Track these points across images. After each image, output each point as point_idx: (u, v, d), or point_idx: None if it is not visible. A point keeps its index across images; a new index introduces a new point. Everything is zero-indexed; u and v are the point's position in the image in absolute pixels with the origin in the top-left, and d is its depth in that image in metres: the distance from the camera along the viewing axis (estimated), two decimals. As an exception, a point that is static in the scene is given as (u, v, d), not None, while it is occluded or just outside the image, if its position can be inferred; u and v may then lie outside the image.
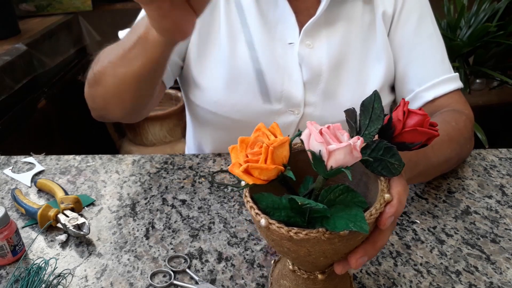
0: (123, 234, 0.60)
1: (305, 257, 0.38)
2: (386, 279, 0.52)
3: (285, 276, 0.47)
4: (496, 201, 0.65)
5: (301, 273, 0.44)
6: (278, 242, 0.38)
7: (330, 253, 0.38)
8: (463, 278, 0.52)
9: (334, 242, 0.36)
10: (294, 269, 0.45)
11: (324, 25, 0.75)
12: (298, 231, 0.35)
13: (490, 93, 1.89)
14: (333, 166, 0.36)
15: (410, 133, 0.39)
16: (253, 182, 0.37)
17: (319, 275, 0.44)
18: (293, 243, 0.37)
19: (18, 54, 1.38)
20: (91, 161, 0.78)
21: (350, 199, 0.38)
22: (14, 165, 0.78)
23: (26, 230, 0.62)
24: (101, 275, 0.53)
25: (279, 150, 0.37)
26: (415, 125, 0.39)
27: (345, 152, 0.35)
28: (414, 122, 0.39)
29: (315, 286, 0.45)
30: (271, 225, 0.36)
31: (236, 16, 0.76)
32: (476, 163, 0.74)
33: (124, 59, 0.62)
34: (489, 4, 1.63)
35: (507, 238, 0.58)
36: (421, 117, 0.39)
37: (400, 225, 0.60)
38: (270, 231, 0.37)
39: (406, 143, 0.39)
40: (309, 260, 0.39)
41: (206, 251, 0.57)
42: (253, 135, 0.39)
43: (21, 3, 1.77)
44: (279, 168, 0.37)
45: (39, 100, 1.51)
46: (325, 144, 0.35)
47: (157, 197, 0.68)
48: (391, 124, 0.40)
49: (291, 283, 0.46)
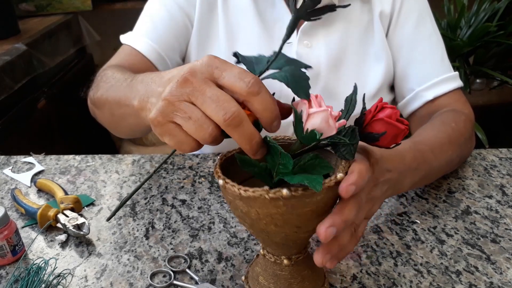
0: (123, 234, 0.60)
1: (257, 222, 0.40)
2: (386, 279, 0.52)
3: (257, 262, 0.49)
4: (496, 201, 0.65)
5: (269, 257, 0.46)
6: (233, 203, 0.40)
7: (279, 220, 0.39)
8: (463, 278, 0.52)
9: (279, 205, 0.37)
10: (264, 253, 0.46)
11: (322, 25, 0.75)
12: (246, 189, 0.37)
13: (490, 93, 1.90)
14: (309, 129, 0.38)
15: (377, 123, 0.40)
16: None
17: (284, 260, 0.45)
18: (244, 202, 0.38)
19: (18, 54, 1.38)
20: (91, 161, 0.78)
21: (318, 163, 0.40)
22: (14, 165, 0.78)
23: (26, 230, 0.62)
24: (101, 275, 0.53)
25: None
26: (383, 116, 0.40)
27: (322, 118, 0.37)
28: (383, 114, 0.40)
29: (281, 273, 0.46)
30: (227, 184, 0.39)
31: (235, 17, 0.76)
32: (476, 163, 0.74)
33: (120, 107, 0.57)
34: (489, 4, 1.63)
35: (507, 238, 0.58)
36: (390, 111, 0.40)
37: (400, 225, 0.60)
38: (226, 190, 0.39)
39: (373, 133, 0.40)
40: (262, 228, 0.40)
41: (206, 251, 0.57)
42: None
43: (21, 3, 1.77)
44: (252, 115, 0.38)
45: (39, 100, 1.51)
46: (307, 106, 0.38)
47: (157, 197, 0.68)
48: (363, 115, 0.41)
49: (261, 268, 0.48)
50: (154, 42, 0.75)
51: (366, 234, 0.59)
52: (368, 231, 0.59)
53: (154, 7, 0.78)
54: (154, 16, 0.77)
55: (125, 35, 0.77)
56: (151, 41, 0.74)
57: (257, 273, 0.48)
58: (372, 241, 0.57)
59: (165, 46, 0.76)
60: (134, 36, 0.76)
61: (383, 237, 0.58)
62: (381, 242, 0.57)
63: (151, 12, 0.78)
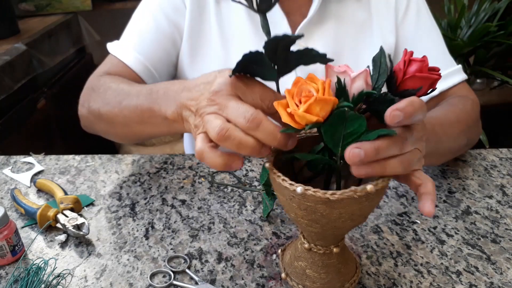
0: (122, 234, 0.60)
1: (334, 221, 0.40)
2: (386, 279, 0.52)
3: (299, 258, 0.49)
4: (497, 201, 0.65)
5: (317, 249, 0.47)
6: (312, 208, 0.40)
7: (356, 215, 0.40)
8: (463, 278, 0.51)
9: (362, 201, 0.39)
10: (310, 247, 0.47)
11: (317, 24, 0.75)
12: (334, 193, 0.38)
13: (490, 93, 1.89)
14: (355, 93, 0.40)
15: (411, 80, 0.40)
16: (316, 120, 0.38)
17: (334, 249, 0.46)
18: (328, 206, 0.39)
19: (18, 54, 1.38)
20: (91, 161, 0.78)
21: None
22: (13, 165, 0.78)
23: (26, 230, 0.62)
24: (100, 275, 0.53)
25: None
26: (414, 72, 0.40)
27: (363, 78, 0.40)
28: (414, 69, 0.40)
29: (330, 261, 0.48)
30: (307, 191, 0.38)
31: (227, 23, 0.75)
32: (476, 163, 0.74)
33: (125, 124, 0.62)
34: (489, 3, 1.63)
35: (508, 238, 0.57)
36: (419, 63, 0.40)
37: (400, 225, 0.60)
38: (306, 197, 0.39)
39: (409, 90, 0.40)
40: (337, 225, 0.41)
41: (206, 251, 0.57)
42: (295, 87, 0.40)
43: (21, 2, 1.77)
44: (334, 100, 0.38)
45: (38, 100, 1.51)
46: (347, 73, 0.40)
47: (157, 197, 0.68)
48: (393, 74, 0.41)
49: (307, 262, 0.49)
50: (141, 55, 0.74)
51: (366, 234, 0.59)
52: (368, 231, 0.59)
53: (141, 17, 0.78)
54: (142, 28, 0.76)
55: (112, 44, 0.77)
56: (138, 54, 0.74)
57: (302, 267, 0.49)
58: (372, 241, 0.57)
59: (152, 58, 0.75)
60: (121, 48, 0.75)
61: (383, 237, 0.58)
62: (381, 242, 0.57)
63: (139, 23, 0.77)
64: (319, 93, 0.38)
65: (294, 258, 0.50)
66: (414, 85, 0.40)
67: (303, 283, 0.49)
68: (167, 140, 1.92)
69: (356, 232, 0.59)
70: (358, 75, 0.40)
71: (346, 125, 0.38)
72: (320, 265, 0.48)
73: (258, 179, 0.71)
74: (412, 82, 0.40)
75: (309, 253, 0.48)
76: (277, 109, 0.40)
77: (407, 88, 0.40)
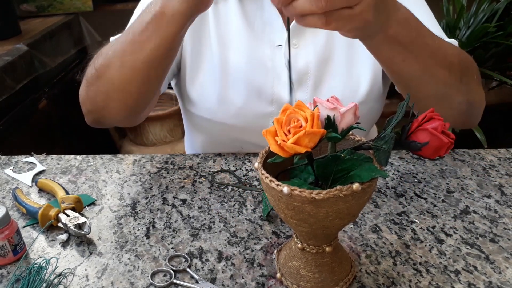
0: (123, 233, 0.60)
1: (322, 220, 0.41)
2: (385, 278, 0.52)
3: (293, 258, 0.50)
4: (495, 200, 0.65)
5: (310, 249, 0.48)
6: (299, 208, 0.41)
7: (344, 213, 0.41)
8: (462, 278, 0.52)
9: (349, 200, 0.40)
10: (303, 247, 0.48)
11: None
12: (319, 192, 0.39)
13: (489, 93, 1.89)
14: (343, 128, 0.42)
15: (421, 132, 0.40)
16: (304, 150, 0.39)
17: (326, 248, 0.47)
18: (314, 205, 0.40)
19: (19, 55, 1.38)
20: (92, 161, 0.78)
21: (357, 157, 0.43)
22: (15, 165, 0.78)
23: (27, 230, 0.62)
24: (101, 274, 0.54)
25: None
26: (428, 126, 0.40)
27: (352, 113, 0.42)
28: (430, 125, 0.40)
29: (323, 260, 0.48)
30: (294, 191, 0.40)
31: (224, 23, 0.76)
32: (475, 163, 0.75)
33: (134, 44, 0.61)
34: (488, 4, 1.63)
35: (506, 237, 0.58)
36: (438, 123, 0.40)
37: (399, 224, 0.61)
38: (292, 197, 0.40)
39: (416, 142, 0.41)
40: (325, 224, 0.42)
41: (206, 250, 0.57)
42: (283, 115, 0.41)
43: (22, 3, 1.77)
44: (323, 132, 0.40)
45: (40, 100, 1.51)
46: (337, 109, 0.41)
47: (158, 197, 0.68)
48: (410, 124, 0.42)
49: (300, 262, 0.49)
50: None
51: (365, 233, 0.59)
52: (367, 231, 0.59)
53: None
54: None
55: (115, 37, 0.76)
56: None
57: (296, 267, 0.49)
58: (371, 240, 0.58)
59: None
60: None
61: (382, 236, 0.58)
62: (380, 241, 0.58)
63: None
64: (307, 125, 0.39)
65: (288, 258, 0.51)
66: (423, 139, 0.40)
67: (297, 282, 0.49)
68: (168, 140, 1.92)
69: (355, 231, 0.59)
70: (348, 110, 0.42)
71: (339, 164, 0.42)
72: (313, 264, 0.48)
73: (258, 179, 0.71)
74: (422, 136, 0.40)
75: (302, 252, 0.48)
76: (265, 137, 0.41)
77: (415, 140, 0.41)
